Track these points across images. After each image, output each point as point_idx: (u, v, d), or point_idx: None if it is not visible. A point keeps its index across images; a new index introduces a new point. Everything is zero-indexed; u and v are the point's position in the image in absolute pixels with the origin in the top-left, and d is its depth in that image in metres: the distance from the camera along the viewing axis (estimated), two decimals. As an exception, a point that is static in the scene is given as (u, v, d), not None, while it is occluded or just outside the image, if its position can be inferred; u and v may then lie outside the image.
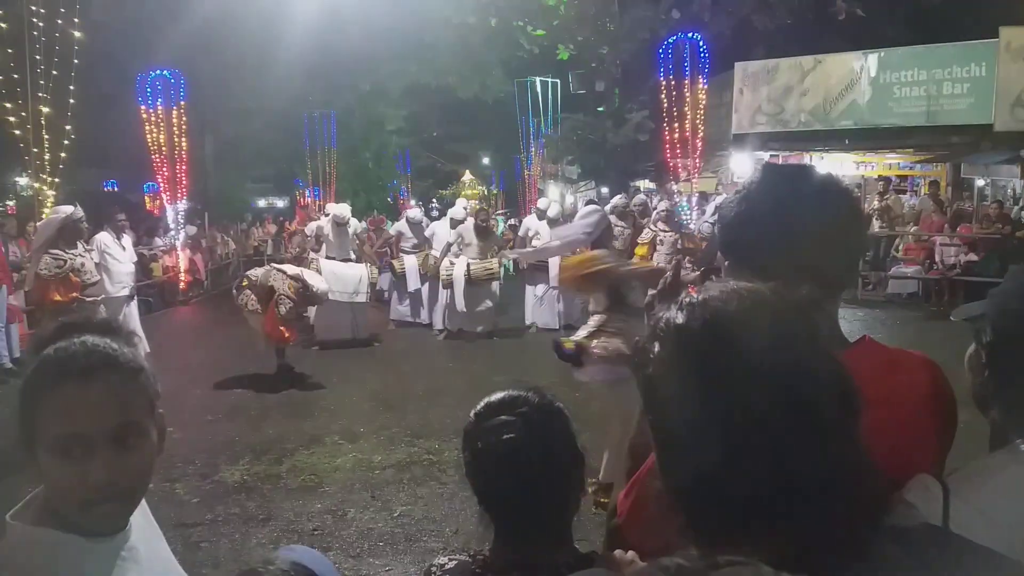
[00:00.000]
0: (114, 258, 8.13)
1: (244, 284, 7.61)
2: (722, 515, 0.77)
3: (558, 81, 19.04)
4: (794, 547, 0.75)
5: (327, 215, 10.31)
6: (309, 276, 7.62)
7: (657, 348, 0.83)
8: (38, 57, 9.97)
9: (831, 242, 1.24)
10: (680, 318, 0.82)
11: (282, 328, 7.33)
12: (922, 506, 1.01)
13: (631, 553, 1.33)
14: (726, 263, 1.32)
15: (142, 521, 1.30)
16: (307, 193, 20.18)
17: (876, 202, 14.17)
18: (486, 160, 30.68)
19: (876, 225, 13.74)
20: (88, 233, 7.11)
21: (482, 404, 1.45)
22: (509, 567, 1.35)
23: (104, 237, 8.18)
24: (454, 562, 1.44)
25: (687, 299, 0.84)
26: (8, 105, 9.99)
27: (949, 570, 0.82)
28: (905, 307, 11.99)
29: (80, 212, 6.53)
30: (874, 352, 1.28)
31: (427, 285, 10.63)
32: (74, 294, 6.13)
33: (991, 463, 1.11)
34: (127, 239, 8.72)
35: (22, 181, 21.49)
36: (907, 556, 0.80)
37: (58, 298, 5.99)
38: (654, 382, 0.84)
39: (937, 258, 12.63)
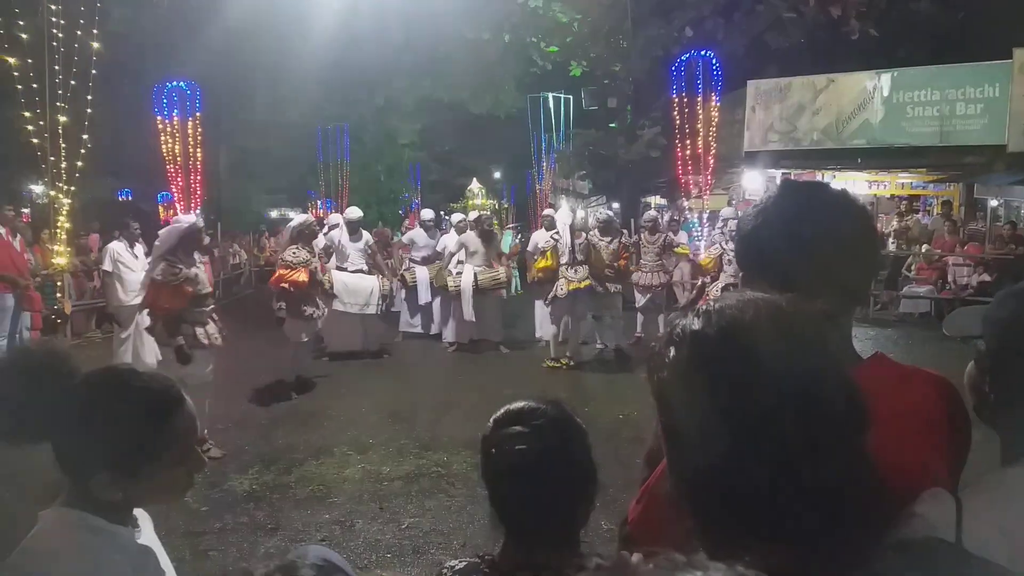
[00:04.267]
0: (127, 267, 8.17)
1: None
2: (730, 519, 0.79)
3: (571, 97, 19.07)
4: (799, 554, 0.76)
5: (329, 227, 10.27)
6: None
7: (672, 353, 0.85)
8: (57, 67, 10.09)
9: (847, 256, 1.25)
10: (696, 324, 0.84)
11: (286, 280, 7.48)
12: (934, 520, 1.02)
13: (636, 556, 1.34)
14: (741, 275, 1.34)
15: (148, 528, 1.38)
16: (319, 205, 20.27)
17: (895, 222, 14.13)
18: (497, 174, 30.75)
19: (892, 245, 13.70)
20: (102, 242, 7.18)
21: (502, 411, 1.49)
22: (516, 569, 1.39)
23: (117, 246, 8.23)
24: (464, 563, 1.50)
25: (703, 307, 0.86)
26: (27, 114, 10.10)
27: None
28: (917, 327, 11.93)
29: (201, 223, 6.56)
30: (887, 368, 1.28)
31: (439, 298, 10.65)
32: (184, 304, 6.01)
33: (1005, 477, 1.11)
34: (140, 248, 8.74)
35: (37, 189, 21.71)
36: (910, 567, 0.81)
37: (168, 305, 5.92)
38: (668, 385, 0.85)
39: (950, 278, 12.58)
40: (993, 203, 16.09)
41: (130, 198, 25.65)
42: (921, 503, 1.05)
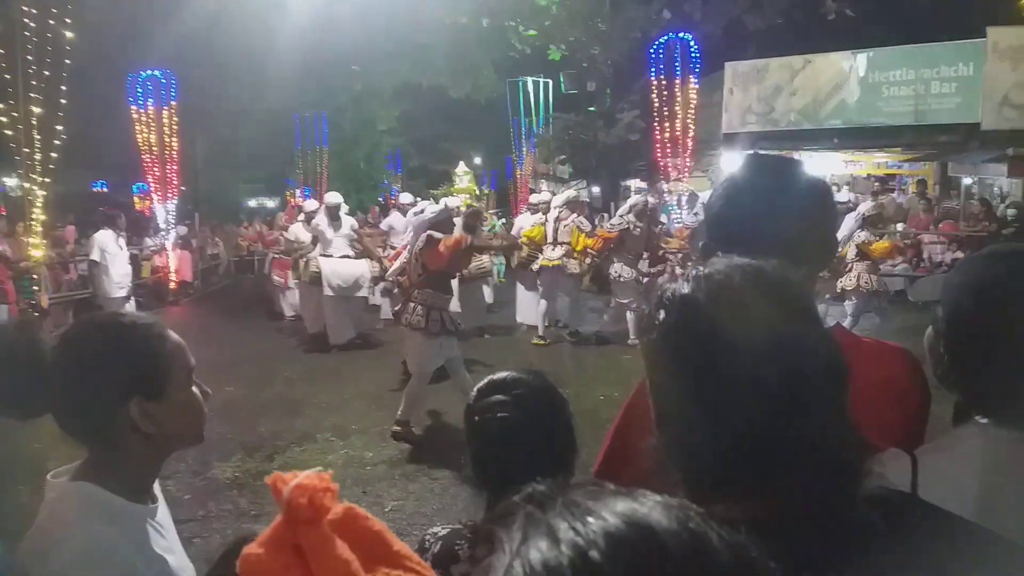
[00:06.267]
0: (114, 257, 8.11)
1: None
2: (715, 474, 0.82)
3: (550, 81, 19.06)
4: (776, 505, 0.80)
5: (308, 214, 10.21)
6: None
7: (662, 315, 0.87)
8: (30, 57, 9.93)
9: (809, 226, 1.30)
10: (685, 288, 0.87)
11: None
12: (892, 476, 1.06)
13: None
14: (701, 245, 1.38)
15: (164, 508, 1.39)
16: (297, 193, 20.13)
17: (869, 203, 14.26)
18: (478, 160, 30.69)
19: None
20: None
21: (485, 381, 1.56)
22: None
23: (105, 236, 8.14)
24: (447, 530, 1.54)
25: (693, 271, 0.89)
26: (0, 105, 9.94)
27: (921, 533, 0.86)
28: (890, 304, 12.06)
29: (451, 210, 6.87)
30: (848, 338, 1.32)
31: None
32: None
33: (955, 437, 1.16)
34: (122, 240, 8.65)
35: (10, 182, 21.39)
36: (882, 519, 0.84)
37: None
38: (657, 347, 0.89)
39: (925, 256, 12.73)
40: (967, 181, 16.26)
41: (105, 189, 25.40)
42: (880, 462, 1.10)
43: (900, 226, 13.62)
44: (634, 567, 0.50)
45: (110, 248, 8.05)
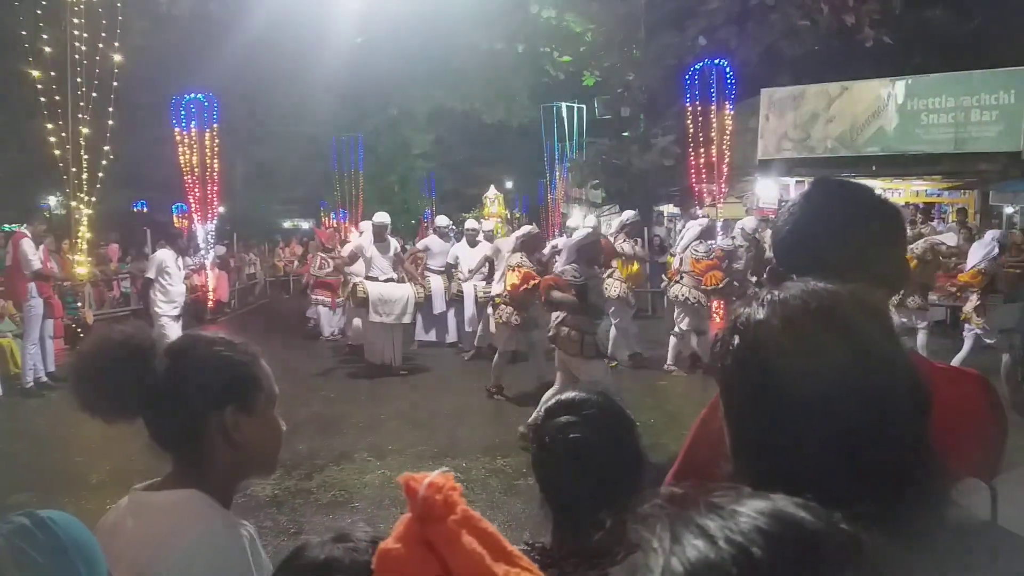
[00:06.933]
0: (172, 277, 8.25)
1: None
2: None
3: (583, 106, 19.19)
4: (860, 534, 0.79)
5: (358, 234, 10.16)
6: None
7: (736, 341, 0.87)
8: (79, 80, 10.25)
9: (881, 247, 1.30)
10: (760, 314, 0.85)
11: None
12: (972, 507, 1.05)
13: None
14: (768, 269, 1.38)
15: None
16: (332, 215, 20.40)
17: (908, 231, 14.10)
18: (509, 184, 30.89)
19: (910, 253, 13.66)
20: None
21: (553, 401, 1.54)
22: (569, 555, 1.41)
23: (165, 255, 8.29)
24: None
25: (768, 296, 0.87)
26: (49, 126, 10.25)
27: (1006, 562, 0.85)
28: (933, 334, 11.85)
29: (596, 234, 6.73)
30: (922, 362, 1.31)
31: (453, 308, 10.68)
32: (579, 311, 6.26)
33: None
34: (181, 261, 8.78)
35: (52, 201, 21.97)
36: (967, 548, 0.84)
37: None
38: (732, 373, 0.87)
39: (966, 285, 12.50)
40: (1009, 210, 16.00)
41: (145, 209, 25.96)
42: (958, 492, 1.09)
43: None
44: (794, 563, 0.51)
45: (170, 267, 8.19)
